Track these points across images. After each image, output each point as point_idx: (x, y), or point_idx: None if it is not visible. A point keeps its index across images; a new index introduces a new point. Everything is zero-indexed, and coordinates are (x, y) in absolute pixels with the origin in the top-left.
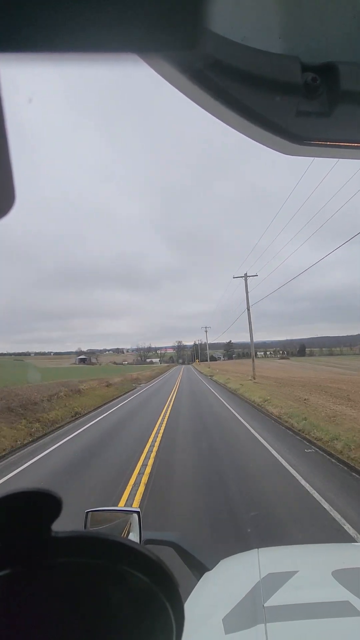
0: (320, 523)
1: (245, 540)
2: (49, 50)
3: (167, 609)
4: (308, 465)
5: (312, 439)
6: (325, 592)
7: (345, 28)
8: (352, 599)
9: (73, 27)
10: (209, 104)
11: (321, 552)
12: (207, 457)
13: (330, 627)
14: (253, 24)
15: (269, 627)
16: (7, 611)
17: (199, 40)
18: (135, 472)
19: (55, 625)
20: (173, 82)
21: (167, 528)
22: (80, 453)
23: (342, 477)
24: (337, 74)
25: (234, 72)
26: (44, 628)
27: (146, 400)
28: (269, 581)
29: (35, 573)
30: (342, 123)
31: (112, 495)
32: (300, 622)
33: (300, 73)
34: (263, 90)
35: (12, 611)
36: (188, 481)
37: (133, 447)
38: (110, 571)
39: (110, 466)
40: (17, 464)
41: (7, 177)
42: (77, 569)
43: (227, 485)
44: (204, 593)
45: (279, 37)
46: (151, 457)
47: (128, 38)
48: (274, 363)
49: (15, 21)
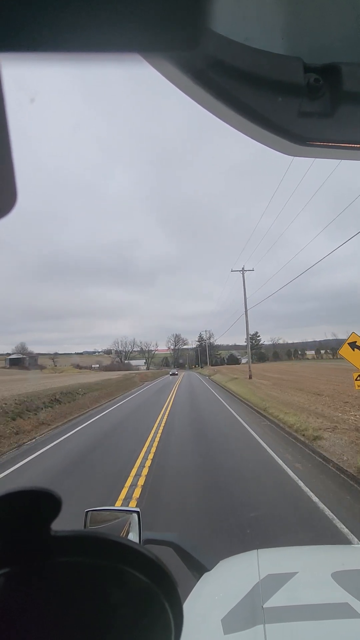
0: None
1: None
2: (52, 50)
3: (166, 609)
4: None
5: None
6: (324, 594)
7: (348, 29)
8: (351, 600)
9: (75, 26)
10: (211, 104)
11: (321, 553)
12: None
13: (329, 629)
14: (255, 24)
15: (267, 628)
16: (7, 610)
17: (201, 40)
18: None
19: (55, 624)
20: (175, 82)
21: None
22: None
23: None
24: (339, 74)
25: (236, 73)
26: (43, 627)
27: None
28: (268, 582)
29: (35, 572)
30: (344, 124)
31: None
32: (299, 624)
33: (302, 74)
34: (265, 90)
35: (12, 610)
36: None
37: None
38: (110, 571)
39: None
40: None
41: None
42: (76, 568)
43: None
44: (203, 593)
45: (282, 37)
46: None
47: (130, 38)
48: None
49: (18, 21)
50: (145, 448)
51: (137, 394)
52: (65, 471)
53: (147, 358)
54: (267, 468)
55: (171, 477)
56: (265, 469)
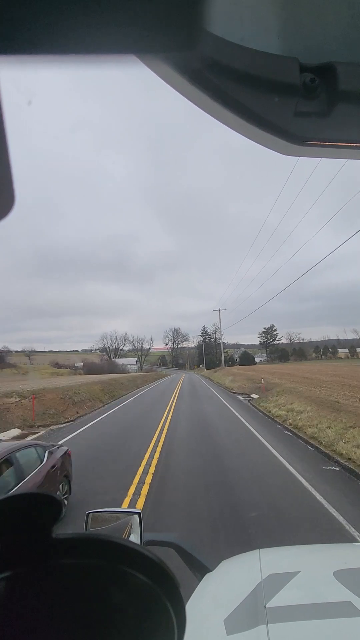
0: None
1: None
2: (48, 52)
3: (169, 610)
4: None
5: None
6: (326, 593)
7: (343, 29)
8: (353, 599)
9: (72, 29)
10: (208, 105)
11: (322, 552)
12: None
13: (331, 628)
14: (251, 25)
15: (270, 628)
16: (10, 612)
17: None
18: None
19: (58, 626)
20: (172, 83)
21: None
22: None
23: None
24: (335, 74)
25: (232, 73)
26: (46, 629)
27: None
28: (271, 582)
29: (37, 574)
30: (340, 123)
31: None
32: (302, 623)
33: (298, 73)
34: (262, 90)
35: (15, 612)
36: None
37: None
38: (112, 572)
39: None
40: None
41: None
42: (78, 570)
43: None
44: (206, 594)
45: (278, 38)
46: None
47: (127, 39)
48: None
49: (15, 23)
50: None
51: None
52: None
53: (139, 356)
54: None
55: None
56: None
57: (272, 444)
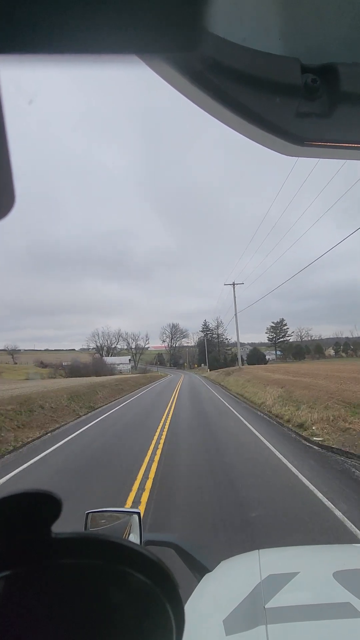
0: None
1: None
2: (50, 52)
3: (168, 610)
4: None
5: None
6: (326, 594)
7: (345, 29)
8: (353, 600)
9: (73, 28)
10: (209, 105)
11: (322, 553)
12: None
13: (331, 629)
14: (253, 25)
15: (269, 628)
16: (9, 612)
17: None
18: None
19: (56, 626)
20: (173, 83)
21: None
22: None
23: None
24: (337, 75)
25: (234, 74)
26: (45, 629)
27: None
28: (270, 582)
29: (36, 574)
30: (342, 124)
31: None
32: (301, 624)
33: (300, 74)
34: (263, 91)
35: (14, 612)
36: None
37: None
38: (111, 572)
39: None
40: None
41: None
42: (77, 570)
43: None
44: (205, 594)
45: (279, 38)
46: None
47: (128, 39)
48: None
49: (16, 23)
50: None
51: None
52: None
53: (133, 355)
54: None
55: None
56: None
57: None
